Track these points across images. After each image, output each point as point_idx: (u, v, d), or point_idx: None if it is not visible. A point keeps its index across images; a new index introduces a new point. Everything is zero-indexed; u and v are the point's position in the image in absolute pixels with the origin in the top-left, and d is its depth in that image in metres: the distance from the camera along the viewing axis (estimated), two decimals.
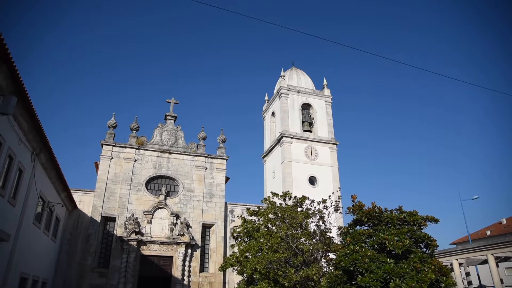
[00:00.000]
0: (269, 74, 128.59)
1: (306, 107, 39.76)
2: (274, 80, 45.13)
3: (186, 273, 26.53)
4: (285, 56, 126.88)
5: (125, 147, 29.09)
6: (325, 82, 41.58)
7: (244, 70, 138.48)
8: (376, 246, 13.95)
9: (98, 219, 26.61)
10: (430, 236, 14.02)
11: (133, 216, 26.79)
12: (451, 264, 27.50)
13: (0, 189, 12.73)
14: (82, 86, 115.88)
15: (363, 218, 14.89)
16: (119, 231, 26.59)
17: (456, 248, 29.87)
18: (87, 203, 27.44)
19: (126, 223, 26.58)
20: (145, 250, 26.44)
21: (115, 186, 27.86)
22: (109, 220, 27.44)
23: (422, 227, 14.41)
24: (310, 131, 38.50)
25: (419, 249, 14.04)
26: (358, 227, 15.53)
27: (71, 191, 24.24)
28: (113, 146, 28.80)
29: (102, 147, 28.63)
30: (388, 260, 13.01)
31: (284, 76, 40.85)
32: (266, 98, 45.10)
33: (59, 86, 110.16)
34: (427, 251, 14.30)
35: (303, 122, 38.61)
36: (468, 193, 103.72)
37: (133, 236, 25.96)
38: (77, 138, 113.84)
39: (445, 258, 27.73)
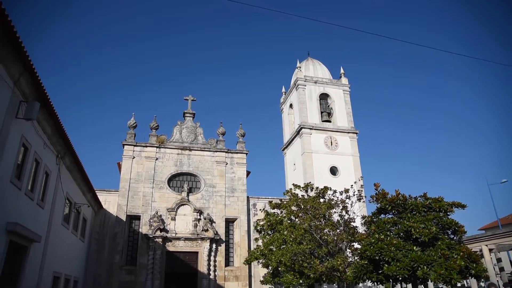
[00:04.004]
0: (285, 66, 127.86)
1: (324, 97, 39.37)
2: (290, 72, 44.83)
3: (211, 267, 26.83)
4: (300, 47, 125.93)
5: (146, 146, 29.51)
6: (342, 71, 41.04)
7: (260, 64, 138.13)
8: (401, 234, 13.77)
9: (124, 218, 27.15)
10: (458, 222, 13.75)
11: (157, 213, 27.21)
12: (481, 250, 26.88)
13: (29, 192, 13.11)
14: (100, 86, 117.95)
15: (387, 206, 14.71)
16: (144, 229, 27.07)
17: (485, 234, 29.16)
18: (112, 203, 28.02)
19: (151, 220, 27.03)
20: (171, 247, 26.86)
21: (138, 185, 28.33)
22: (134, 218, 27.96)
23: (448, 213, 14.14)
24: (329, 121, 38.13)
25: (446, 236, 13.80)
26: (382, 215, 15.37)
27: (96, 191, 24.80)
28: (134, 145, 29.25)
29: (123, 147, 29.11)
30: (414, 248, 12.84)
31: (300, 67, 40.52)
32: (283, 90, 44.88)
33: (75, 87, 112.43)
34: (455, 237, 14.04)
35: (321, 112, 38.26)
36: (495, 177, 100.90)
37: (158, 233, 26.39)
38: (98, 140, 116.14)
39: (474, 244, 27.12)
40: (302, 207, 22.84)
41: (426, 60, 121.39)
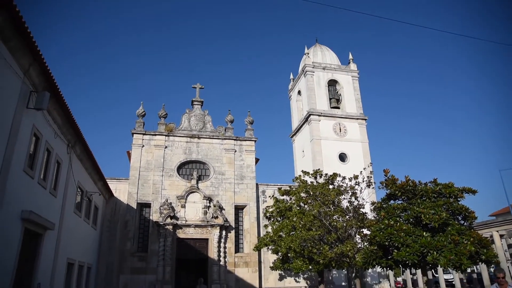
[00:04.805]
0: (293, 53, 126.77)
1: (332, 83, 39.03)
2: (298, 59, 44.40)
3: (222, 254, 27.14)
4: (308, 34, 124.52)
5: (155, 135, 29.66)
6: (350, 57, 40.55)
7: (268, 52, 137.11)
8: (411, 220, 13.76)
9: (134, 205, 27.48)
10: (468, 208, 13.67)
11: (167, 201, 27.48)
12: (491, 236, 26.78)
13: (41, 181, 13.31)
14: (108, 75, 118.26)
15: (397, 192, 14.67)
16: (154, 216, 27.39)
17: (496, 220, 28.99)
18: (122, 191, 28.35)
19: (161, 208, 27.32)
20: (181, 234, 27.18)
21: (148, 173, 28.58)
22: (144, 206, 28.28)
23: (459, 199, 14.05)
24: (338, 108, 37.87)
25: (456, 222, 13.74)
26: (392, 201, 15.34)
27: (106, 180, 25.08)
28: (143, 134, 29.42)
29: (132, 136, 29.30)
30: (424, 233, 12.84)
31: (308, 54, 40.12)
32: (291, 77, 44.55)
33: (84, 76, 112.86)
34: (465, 223, 13.98)
35: (330, 99, 37.99)
36: (506, 163, 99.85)
37: (168, 220, 26.69)
38: (108, 129, 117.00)
39: (484, 230, 27.02)
40: (311, 193, 22.91)
41: (436, 46, 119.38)
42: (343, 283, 30.83)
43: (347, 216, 20.82)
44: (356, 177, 22.22)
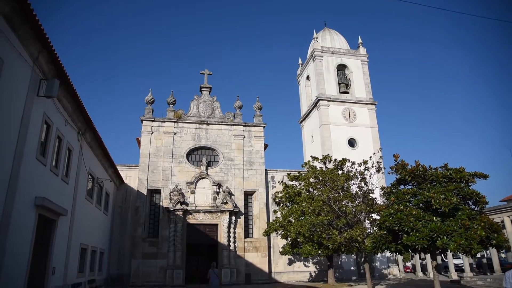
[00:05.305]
0: (301, 39, 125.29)
1: (341, 68, 38.60)
2: (306, 44, 43.92)
3: (231, 239, 27.43)
4: (317, 18, 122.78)
5: (164, 121, 29.77)
6: (360, 41, 39.95)
7: (276, 37, 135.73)
8: (421, 205, 13.70)
9: (144, 192, 27.79)
10: (479, 192, 13.54)
11: (177, 187, 27.73)
12: (502, 221, 26.58)
13: (53, 168, 13.50)
14: (117, 63, 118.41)
15: (407, 177, 14.59)
16: (165, 202, 27.69)
17: (507, 205, 28.73)
18: (133, 178, 28.66)
19: (171, 194, 27.59)
20: (191, 219, 27.49)
21: (157, 159, 28.79)
22: (154, 192, 28.58)
23: (470, 184, 13.93)
24: (347, 93, 37.52)
25: (467, 207, 13.65)
26: (401, 186, 15.26)
27: (117, 167, 25.36)
28: (152, 121, 29.55)
29: (142, 123, 29.45)
30: (434, 218, 12.78)
31: (316, 38, 39.63)
32: (300, 62, 44.12)
33: (93, 64, 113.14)
34: (476, 208, 13.89)
35: (339, 83, 37.63)
36: None
37: (178, 206, 26.98)
38: (117, 116, 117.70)
39: (495, 215, 26.82)
40: (321, 179, 22.90)
41: (448, 29, 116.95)
42: (352, 268, 31.05)
43: (357, 201, 20.80)
44: (365, 162, 22.11)
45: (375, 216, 20.00)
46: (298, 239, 24.13)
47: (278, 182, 30.07)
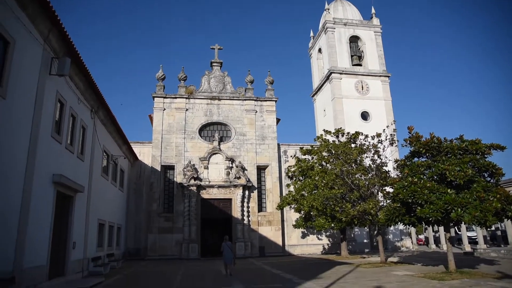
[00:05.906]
0: (313, 10, 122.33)
1: (354, 40, 37.74)
2: (318, 16, 42.85)
3: (245, 213, 27.81)
4: None
5: (176, 98, 29.77)
6: (373, 11, 38.82)
7: (287, 9, 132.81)
8: (435, 177, 13.62)
9: (158, 168, 28.15)
10: (495, 164, 13.36)
11: (190, 163, 28.00)
12: None
13: (69, 146, 13.71)
14: (126, 40, 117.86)
15: (421, 149, 14.45)
16: (178, 178, 28.05)
17: None
18: (146, 154, 28.99)
19: (185, 170, 27.90)
20: (205, 194, 27.87)
21: (170, 136, 28.98)
22: (168, 168, 28.93)
23: (486, 155, 13.73)
24: (360, 65, 36.82)
25: (482, 179, 13.50)
26: (415, 159, 15.15)
27: (130, 144, 25.64)
28: (164, 97, 29.57)
29: (153, 100, 29.51)
30: (448, 190, 12.71)
31: (328, 9, 38.64)
32: (312, 34, 43.21)
33: (104, 41, 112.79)
34: (492, 180, 13.73)
35: (351, 56, 36.88)
36: None
37: (192, 182, 27.32)
38: (129, 93, 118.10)
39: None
40: (333, 152, 22.82)
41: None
42: (365, 241, 31.33)
43: (370, 175, 20.75)
44: (379, 135, 21.86)
45: (388, 189, 19.95)
46: (311, 213, 24.33)
47: (291, 156, 30.10)
